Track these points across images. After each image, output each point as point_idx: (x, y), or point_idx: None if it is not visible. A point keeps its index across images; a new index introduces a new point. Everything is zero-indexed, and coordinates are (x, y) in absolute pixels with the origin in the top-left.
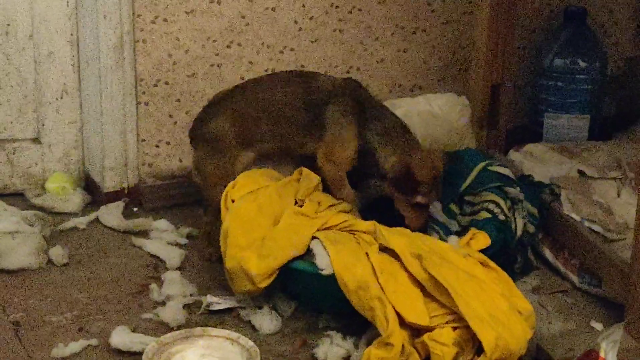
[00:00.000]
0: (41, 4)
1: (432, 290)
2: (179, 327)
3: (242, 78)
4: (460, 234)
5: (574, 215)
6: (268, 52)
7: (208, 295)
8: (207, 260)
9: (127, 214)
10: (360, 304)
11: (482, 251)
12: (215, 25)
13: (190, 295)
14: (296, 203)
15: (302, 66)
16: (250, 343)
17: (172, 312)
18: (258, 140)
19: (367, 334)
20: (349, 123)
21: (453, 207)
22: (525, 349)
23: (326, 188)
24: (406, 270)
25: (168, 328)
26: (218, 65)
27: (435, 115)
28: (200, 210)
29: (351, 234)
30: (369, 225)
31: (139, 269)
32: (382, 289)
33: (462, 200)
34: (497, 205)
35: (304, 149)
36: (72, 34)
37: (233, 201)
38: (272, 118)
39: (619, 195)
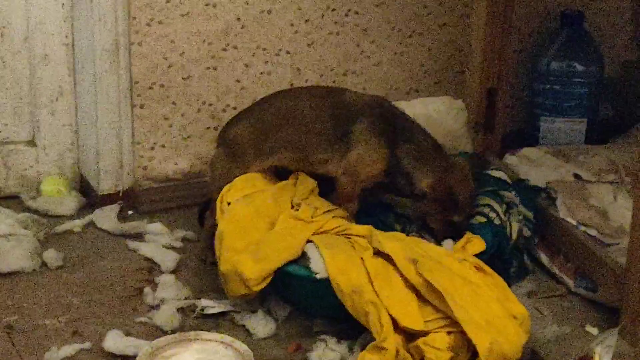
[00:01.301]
0: (36, 6)
1: (426, 295)
2: (173, 331)
3: (237, 81)
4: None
5: (569, 219)
6: (264, 55)
7: (202, 299)
8: (202, 262)
9: (122, 216)
10: (354, 308)
11: (477, 255)
12: (211, 28)
13: (185, 298)
14: (292, 207)
15: (298, 69)
16: (244, 347)
17: (166, 316)
18: (277, 149)
19: (362, 338)
20: (378, 144)
21: None
22: (520, 353)
23: (322, 193)
24: (401, 274)
25: (162, 332)
26: (214, 68)
27: (431, 119)
28: (196, 211)
29: (346, 238)
30: (364, 229)
31: (133, 272)
32: (377, 294)
33: None
34: (493, 209)
35: (325, 167)
36: (67, 37)
37: (229, 204)
38: (294, 127)
39: (615, 199)
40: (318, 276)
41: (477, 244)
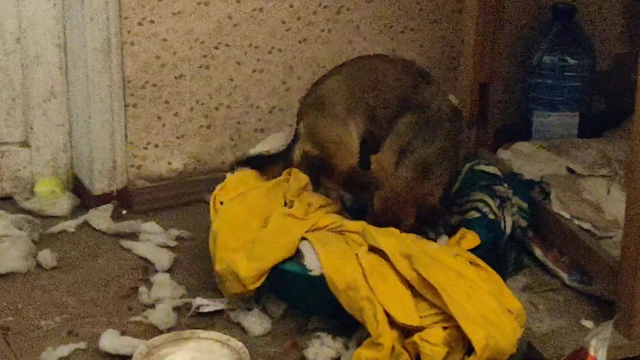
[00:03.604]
0: (28, 7)
1: (421, 290)
2: (168, 330)
3: (230, 79)
4: (449, 233)
5: (563, 213)
6: (256, 53)
7: (197, 298)
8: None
9: (116, 216)
10: (349, 304)
11: (472, 250)
12: (203, 27)
13: (180, 297)
14: (285, 204)
15: (290, 67)
16: (240, 345)
17: (161, 315)
18: (358, 111)
19: (357, 334)
20: (403, 140)
21: None
22: (516, 347)
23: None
24: (396, 270)
25: (157, 331)
26: (206, 67)
27: None
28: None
29: (340, 234)
30: (358, 225)
31: (128, 271)
32: (372, 290)
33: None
34: (486, 204)
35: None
36: (59, 37)
37: (222, 203)
38: (376, 94)
39: (608, 193)
40: (313, 273)
41: (471, 239)
